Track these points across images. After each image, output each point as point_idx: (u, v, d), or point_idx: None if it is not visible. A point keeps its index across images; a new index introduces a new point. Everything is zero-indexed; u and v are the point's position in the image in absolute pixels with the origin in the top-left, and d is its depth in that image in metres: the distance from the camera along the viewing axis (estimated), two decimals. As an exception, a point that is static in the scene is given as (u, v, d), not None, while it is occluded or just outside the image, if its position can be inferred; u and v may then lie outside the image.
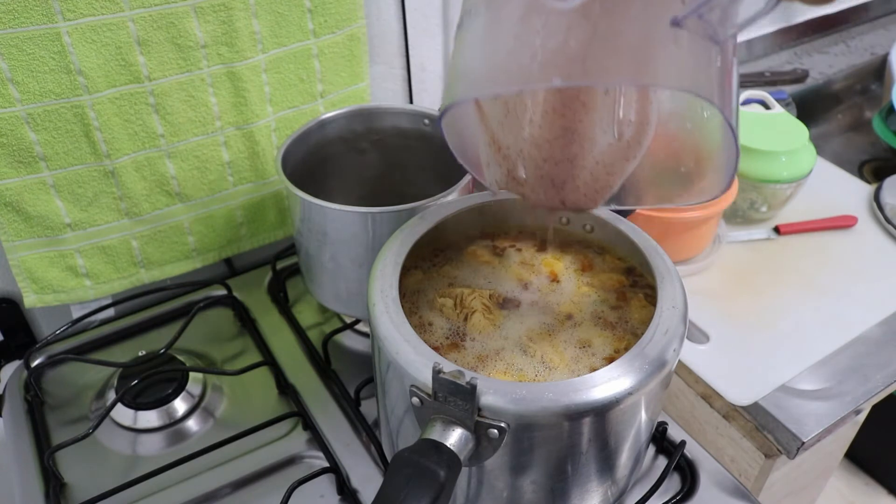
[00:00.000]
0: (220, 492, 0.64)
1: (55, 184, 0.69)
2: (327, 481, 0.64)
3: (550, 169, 0.50)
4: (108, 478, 0.65)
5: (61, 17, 0.61)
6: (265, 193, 0.82)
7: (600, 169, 0.49)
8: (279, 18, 0.72)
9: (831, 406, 0.73)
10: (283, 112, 0.79)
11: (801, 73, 1.29)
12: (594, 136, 0.48)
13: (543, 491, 0.51)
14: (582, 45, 0.37)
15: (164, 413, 0.70)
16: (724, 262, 0.90)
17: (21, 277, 0.73)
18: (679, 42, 0.36)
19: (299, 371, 0.75)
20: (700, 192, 0.49)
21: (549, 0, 0.38)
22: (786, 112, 0.97)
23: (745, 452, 0.77)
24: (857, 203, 0.99)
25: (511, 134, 0.49)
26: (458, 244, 0.62)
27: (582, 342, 0.54)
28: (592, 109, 0.48)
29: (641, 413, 0.50)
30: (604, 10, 0.37)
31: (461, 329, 0.55)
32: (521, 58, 0.39)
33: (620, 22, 0.37)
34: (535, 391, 0.45)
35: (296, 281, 0.85)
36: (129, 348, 0.78)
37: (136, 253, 0.77)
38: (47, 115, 0.65)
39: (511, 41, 0.40)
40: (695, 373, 0.77)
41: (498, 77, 0.41)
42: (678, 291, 0.52)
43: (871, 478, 1.56)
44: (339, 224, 0.65)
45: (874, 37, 1.45)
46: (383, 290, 0.52)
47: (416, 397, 0.46)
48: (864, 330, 0.81)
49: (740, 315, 0.83)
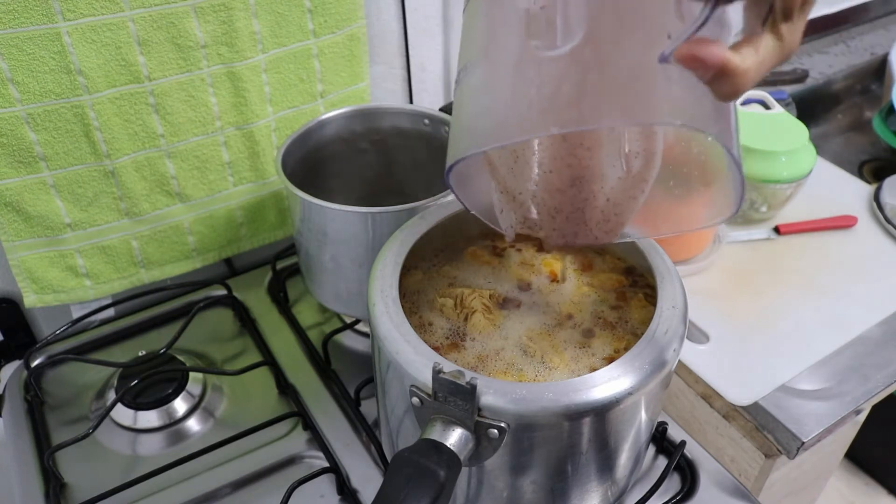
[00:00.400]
0: (220, 492, 0.64)
1: (55, 184, 0.69)
2: (327, 481, 0.64)
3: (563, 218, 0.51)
4: (108, 478, 0.65)
5: (61, 17, 0.61)
6: (265, 193, 0.82)
7: (611, 205, 0.50)
8: (279, 18, 0.72)
9: (831, 406, 0.73)
10: (283, 112, 0.79)
11: (801, 73, 1.29)
12: (603, 174, 0.48)
13: (543, 491, 0.51)
14: (576, 90, 0.38)
15: (164, 413, 0.70)
16: (724, 262, 0.90)
17: (21, 277, 0.73)
18: (670, 77, 0.36)
19: (299, 371, 0.75)
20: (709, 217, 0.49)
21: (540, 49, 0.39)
22: (786, 112, 0.97)
23: (745, 452, 0.77)
24: (857, 203, 0.99)
25: (522, 181, 0.50)
26: (458, 244, 0.62)
27: (582, 342, 0.54)
28: (598, 150, 0.48)
29: (641, 413, 0.50)
30: (594, 54, 0.38)
31: (461, 329, 0.55)
32: (519, 108, 0.40)
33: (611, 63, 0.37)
34: (535, 391, 0.45)
35: (296, 281, 0.85)
36: (129, 348, 0.78)
37: (136, 253, 0.77)
38: (47, 115, 0.65)
39: (508, 92, 0.40)
40: (695, 373, 0.77)
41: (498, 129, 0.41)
42: (678, 291, 0.52)
43: (871, 478, 1.56)
44: (339, 224, 0.65)
45: (874, 37, 1.45)
46: (383, 290, 0.52)
47: (416, 397, 0.46)
48: (864, 330, 0.81)
49: (740, 315, 0.83)
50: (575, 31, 0.38)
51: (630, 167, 0.49)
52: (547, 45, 0.38)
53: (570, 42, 0.38)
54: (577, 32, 0.37)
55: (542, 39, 0.39)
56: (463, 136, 0.44)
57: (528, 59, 0.39)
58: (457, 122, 0.44)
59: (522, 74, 0.40)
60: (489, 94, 0.42)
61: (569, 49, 0.38)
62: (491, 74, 0.42)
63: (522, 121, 0.40)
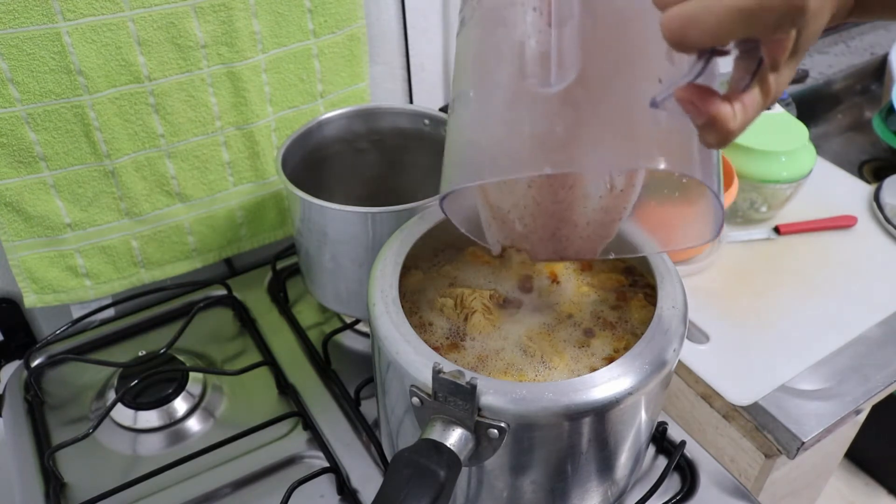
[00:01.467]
0: (220, 492, 0.64)
1: (55, 184, 0.69)
2: (327, 481, 0.64)
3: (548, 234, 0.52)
4: (108, 478, 0.65)
5: (61, 17, 0.61)
6: (265, 193, 0.82)
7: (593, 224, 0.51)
8: (279, 18, 0.72)
9: (831, 406, 0.73)
10: (283, 112, 0.79)
11: (801, 73, 1.29)
12: (587, 195, 0.50)
13: (543, 491, 0.51)
14: (568, 131, 0.38)
15: (164, 413, 0.70)
16: (724, 262, 0.90)
17: (21, 277, 0.73)
18: (658, 121, 0.37)
19: (299, 371, 0.75)
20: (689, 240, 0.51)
21: (533, 86, 0.39)
22: (786, 112, 0.97)
23: (745, 452, 0.77)
24: (857, 203, 0.99)
25: (509, 199, 0.51)
26: (458, 244, 0.62)
27: (582, 342, 0.54)
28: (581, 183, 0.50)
29: (641, 413, 0.50)
30: (586, 94, 0.38)
31: (461, 329, 0.55)
32: (511, 145, 0.40)
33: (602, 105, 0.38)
34: (535, 391, 0.45)
35: (296, 281, 0.85)
36: (129, 348, 0.78)
37: (136, 253, 0.77)
38: (47, 115, 0.65)
39: (500, 127, 0.41)
40: (695, 373, 0.77)
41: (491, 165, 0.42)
42: (678, 291, 0.52)
43: (871, 478, 1.56)
44: (339, 224, 0.65)
45: (874, 37, 1.45)
46: (383, 290, 0.52)
47: (416, 397, 0.46)
48: (864, 330, 0.81)
49: (740, 315, 0.83)
50: (569, 71, 0.39)
51: (613, 189, 0.50)
52: (541, 82, 0.39)
53: (563, 81, 0.38)
54: (572, 72, 0.38)
55: (536, 76, 0.39)
56: (455, 169, 0.45)
57: (522, 94, 0.40)
58: (449, 152, 0.45)
59: (515, 110, 0.40)
60: (482, 128, 0.43)
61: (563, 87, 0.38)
62: (483, 107, 0.43)
63: (515, 158, 0.41)
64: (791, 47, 0.33)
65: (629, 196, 0.50)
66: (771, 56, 0.34)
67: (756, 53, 0.34)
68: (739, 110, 0.34)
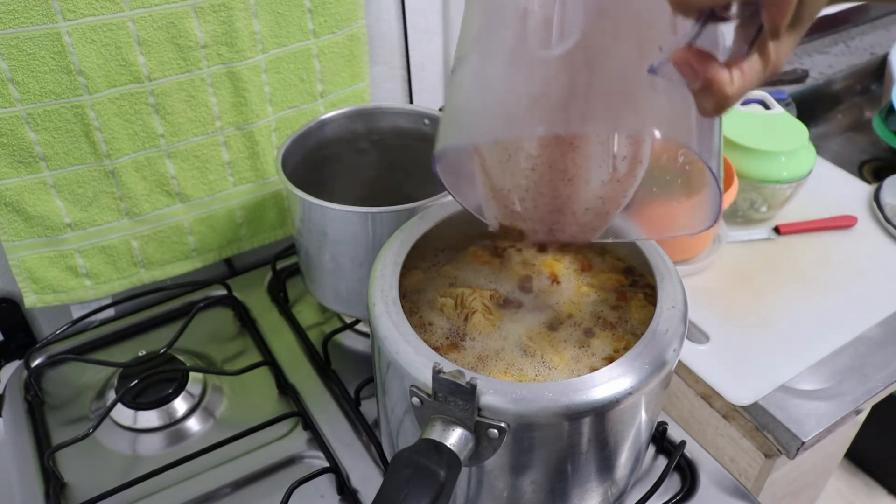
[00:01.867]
0: (220, 492, 0.64)
1: (55, 184, 0.69)
2: (327, 481, 0.64)
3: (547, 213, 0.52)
4: (108, 478, 0.65)
5: (61, 17, 0.61)
6: (265, 193, 0.82)
7: (595, 205, 0.51)
8: (279, 18, 0.72)
9: (831, 406, 0.73)
10: (283, 112, 0.79)
11: (801, 73, 1.29)
12: (589, 175, 0.49)
13: (543, 491, 0.51)
14: (565, 93, 0.38)
15: (164, 413, 0.70)
16: (724, 262, 0.90)
17: (21, 277, 0.73)
18: (657, 89, 0.37)
19: (299, 371, 0.75)
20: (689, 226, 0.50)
21: (534, 48, 0.39)
22: (786, 112, 0.97)
23: (745, 452, 0.77)
24: (857, 203, 0.99)
25: (509, 175, 0.51)
26: (458, 244, 0.62)
27: (582, 342, 0.54)
28: (584, 151, 0.49)
29: (641, 413, 0.50)
30: (586, 59, 0.38)
31: (461, 329, 0.55)
32: (508, 105, 0.40)
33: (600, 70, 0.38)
34: (535, 391, 0.45)
35: (296, 281, 0.85)
36: (129, 348, 0.78)
37: (136, 253, 0.77)
38: (47, 115, 0.65)
39: (499, 87, 0.41)
40: (695, 373, 0.77)
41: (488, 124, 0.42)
42: (678, 291, 0.52)
43: (871, 478, 1.56)
44: (339, 224, 0.65)
45: (874, 37, 1.45)
46: (383, 290, 0.52)
47: (416, 397, 0.46)
48: (864, 330, 0.81)
49: (740, 315, 0.83)
50: (570, 35, 0.38)
51: (616, 170, 0.49)
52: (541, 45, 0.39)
53: (564, 45, 0.38)
54: (572, 36, 0.38)
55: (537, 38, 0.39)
56: (451, 127, 0.44)
57: (522, 55, 0.40)
58: (447, 110, 0.45)
59: (514, 70, 0.40)
60: (481, 87, 0.42)
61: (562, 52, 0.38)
62: (484, 66, 0.42)
63: (510, 119, 0.40)
64: (792, 13, 0.33)
65: (630, 183, 0.49)
66: (771, 21, 0.33)
67: (756, 20, 0.33)
68: (737, 76, 0.34)
